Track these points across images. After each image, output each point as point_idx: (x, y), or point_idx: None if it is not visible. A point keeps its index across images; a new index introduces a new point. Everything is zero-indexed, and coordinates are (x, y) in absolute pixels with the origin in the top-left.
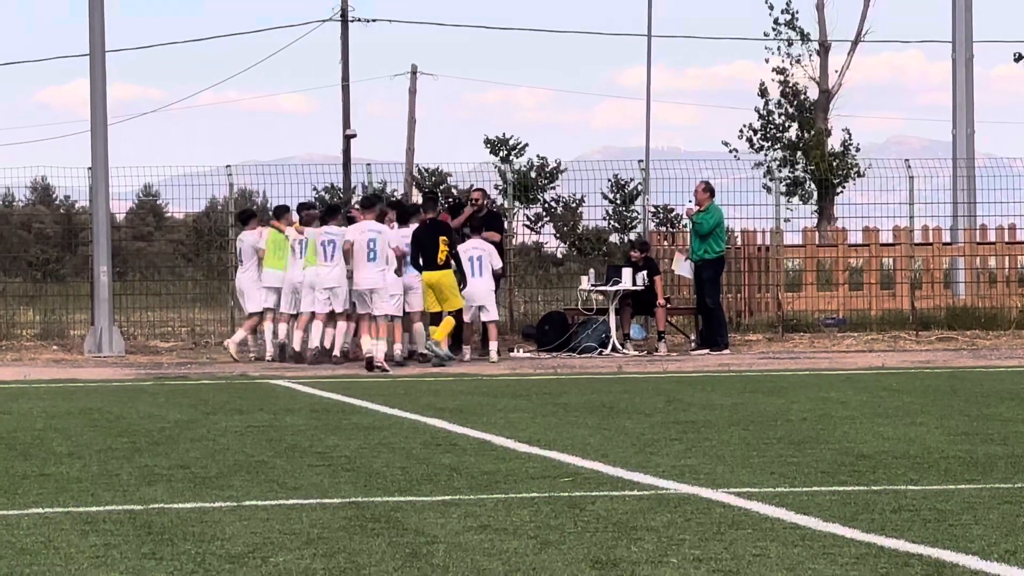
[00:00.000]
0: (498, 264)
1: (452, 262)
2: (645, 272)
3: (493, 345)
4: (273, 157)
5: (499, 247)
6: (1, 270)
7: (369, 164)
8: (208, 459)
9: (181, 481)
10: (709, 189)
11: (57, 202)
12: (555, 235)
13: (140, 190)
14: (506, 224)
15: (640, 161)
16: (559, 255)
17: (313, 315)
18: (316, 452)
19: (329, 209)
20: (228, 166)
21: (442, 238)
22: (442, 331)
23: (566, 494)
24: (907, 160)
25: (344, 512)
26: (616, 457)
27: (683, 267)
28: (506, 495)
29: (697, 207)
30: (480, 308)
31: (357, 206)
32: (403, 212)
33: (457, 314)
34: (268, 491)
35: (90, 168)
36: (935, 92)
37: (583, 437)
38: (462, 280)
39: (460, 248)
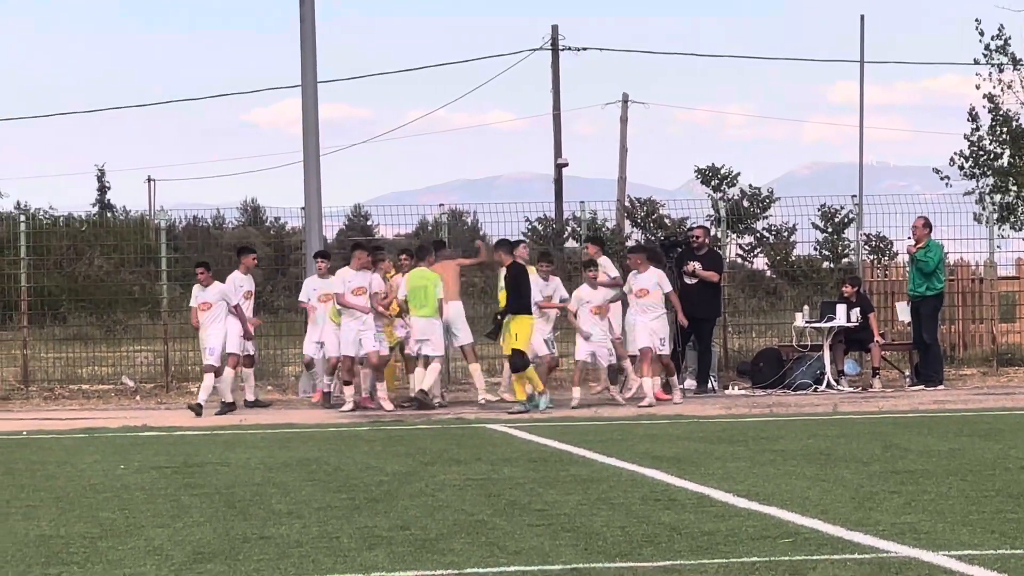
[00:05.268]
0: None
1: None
2: (858, 308)
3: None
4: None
5: (717, 286)
6: None
7: (583, 202)
8: (428, 518)
9: (402, 544)
10: (928, 225)
11: (267, 223)
12: (768, 264)
13: (350, 210)
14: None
15: (854, 196)
16: (771, 276)
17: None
18: (536, 510)
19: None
20: (442, 204)
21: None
22: (537, 380)
23: (786, 558)
24: None
25: None
26: (835, 513)
27: (904, 312)
28: (727, 559)
29: (916, 243)
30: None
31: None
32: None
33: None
34: (488, 555)
35: (303, 208)
36: None
37: (801, 490)
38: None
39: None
